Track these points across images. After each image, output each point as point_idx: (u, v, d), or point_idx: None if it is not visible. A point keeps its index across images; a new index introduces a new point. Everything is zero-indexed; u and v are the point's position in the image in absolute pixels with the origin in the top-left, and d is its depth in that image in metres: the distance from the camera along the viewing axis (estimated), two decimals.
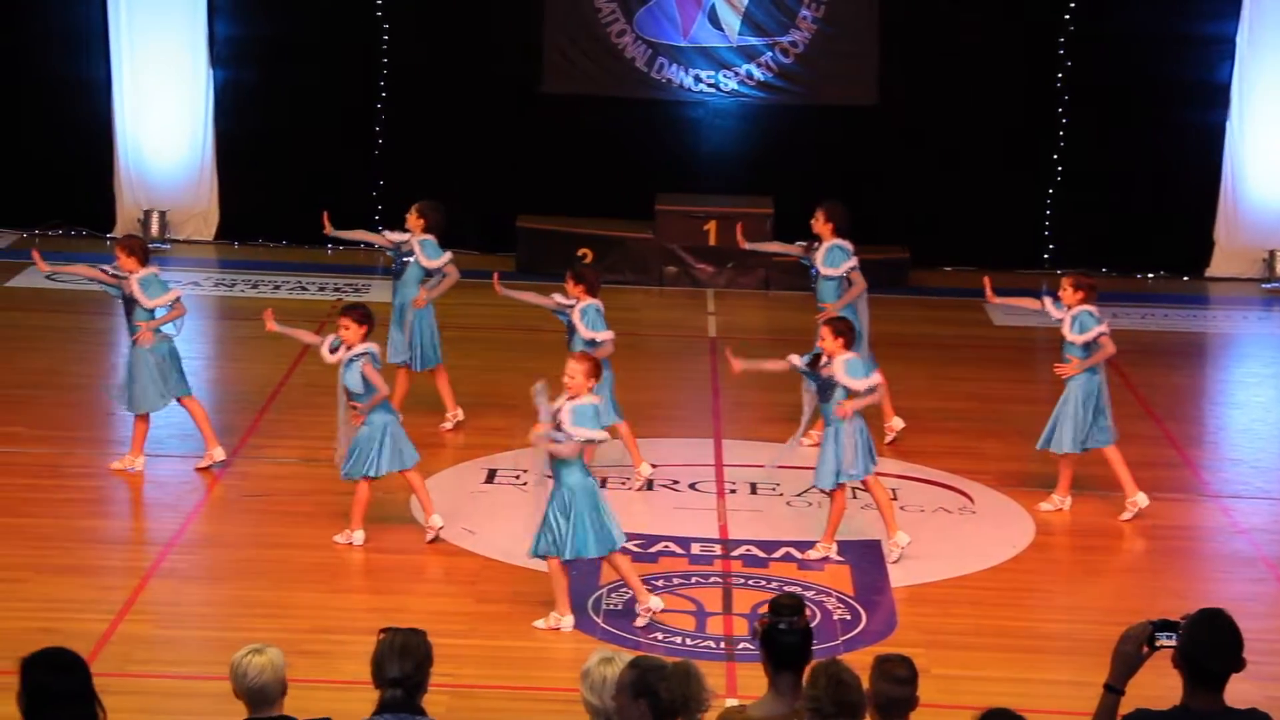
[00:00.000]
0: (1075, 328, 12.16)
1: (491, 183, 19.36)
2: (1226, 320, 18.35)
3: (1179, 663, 5.66)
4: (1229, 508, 12.53)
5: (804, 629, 6.36)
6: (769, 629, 6.36)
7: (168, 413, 13.92)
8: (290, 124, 19.39)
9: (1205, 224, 19.33)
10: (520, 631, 10.18)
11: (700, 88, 19.44)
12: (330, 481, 12.37)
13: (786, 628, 6.33)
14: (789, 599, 6.49)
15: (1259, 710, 5.79)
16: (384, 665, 6.08)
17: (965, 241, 19.40)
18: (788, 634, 6.33)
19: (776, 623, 6.34)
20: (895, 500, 12.48)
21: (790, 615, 6.35)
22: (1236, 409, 15.45)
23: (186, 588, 10.70)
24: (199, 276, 18.46)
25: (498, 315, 17.39)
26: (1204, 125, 19.22)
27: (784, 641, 6.33)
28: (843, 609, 10.60)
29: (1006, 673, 9.85)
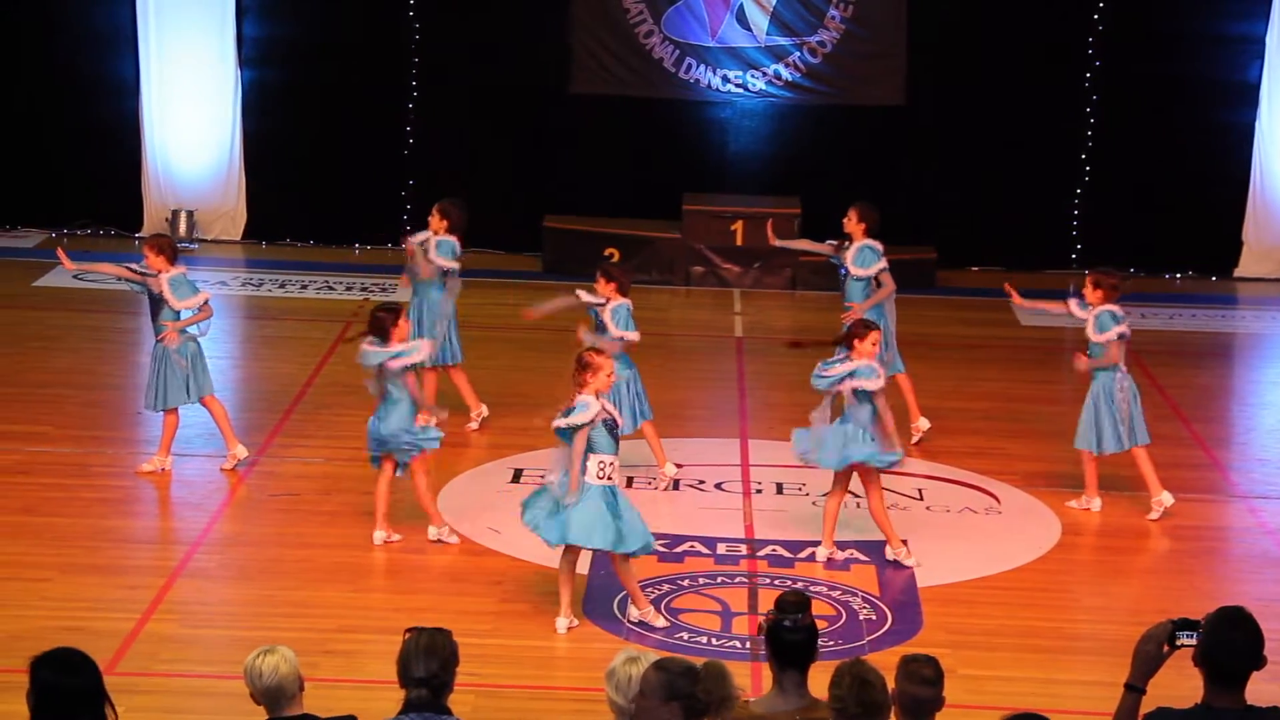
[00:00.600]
0: (1096, 328, 12.12)
1: (519, 183, 19.39)
2: (1255, 320, 18.28)
3: (1199, 661, 5.66)
4: (1257, 508, 12.49)
5: (809, 626, 6.35)
6: (774, 626, 6.36)
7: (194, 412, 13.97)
8: (318, 124, 19.44)
9: (1234, 224, 19.27)
10: (545, 631, 10.18)
11: (728, 88, 19.44)
12: (356, 481, 12.41)
13: (791, 625, 6.33)
14: (794, 596, 6.48)
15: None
16: (410, 665, 6.09)
17: (993, 242, 19.37)
18: (792, 631, 6.32)
19: (781, 619, 6.34)
20: (921, 500, 12.47)
21: (795, 613, 6.35)
22: (1265, 409, 15.40)
23: (212, 587, 10.73)
24: (226, 276, 18.51)
25: None
26: (1233, 125, 19.15)
27: (789, 639, 6.33)
28: (868, 609, 10.59)
29: (1032, 673, 9.83)
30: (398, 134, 19.46)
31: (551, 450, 10.35)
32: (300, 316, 17.09)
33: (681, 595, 10.74)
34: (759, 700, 6.51)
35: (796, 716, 6.31)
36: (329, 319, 16.89)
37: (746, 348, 16.58)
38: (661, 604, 10.59)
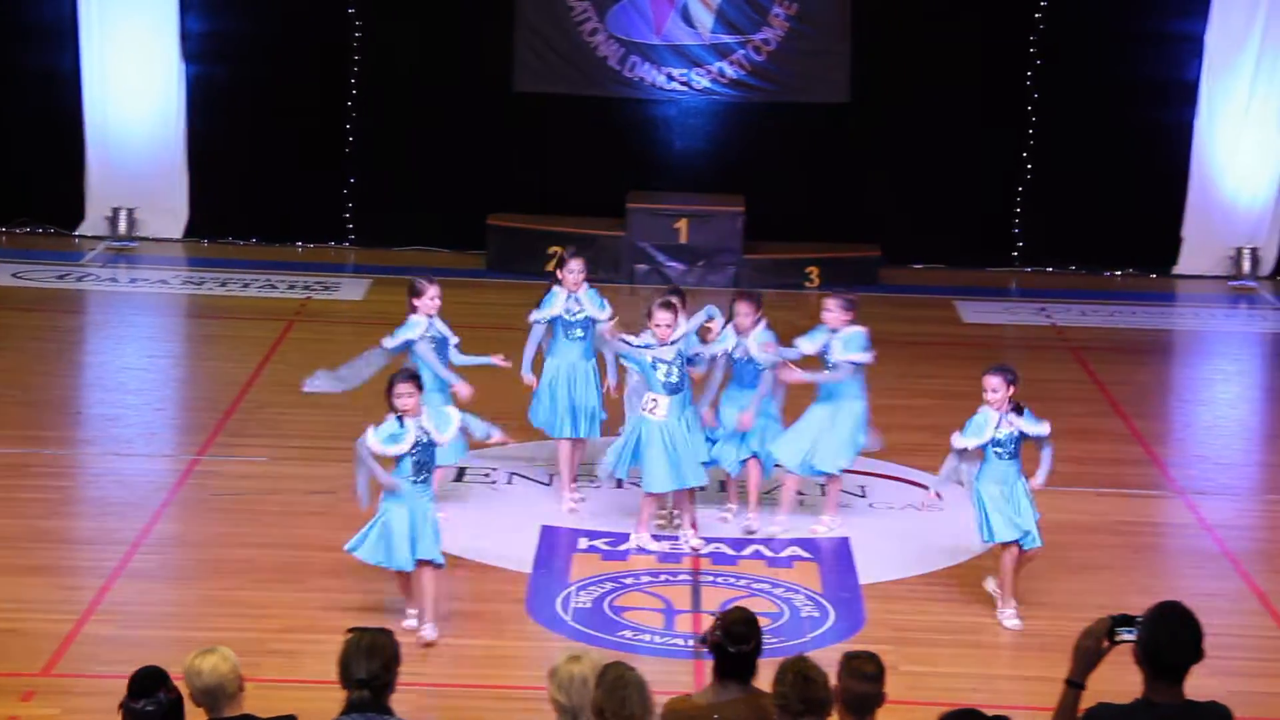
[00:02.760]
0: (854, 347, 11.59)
1: (462, 181, 19.35)
2: (1194, 318, 18.42)
3: (1139, 656, 5.70)
4: (1195, 504, 12.58)
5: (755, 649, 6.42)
6: (719, 647, 6.41)
7: (135, 413, 13.89)
8: (261, 121, 19.34)
9: (1173, 222, 19.41)
10: (488, 630, 10.17)
11: (672, 86, 19.45)
12: (298, 480, 12.36)
13: (736, 652, 6.39)
14: (742, 625, 6.49)
15: (1219, 703, 5.82)
16: (351, 665, 6.07)
17: (936, 240, 19.46)
18: (736, 655, 6.39)
19: (726, 645, 6.39)
20: (864, 497, 12.50)
21: (742, 643, 6.40)
22: (1203, 406, 15.52)
23: (153, 588, 10.65)
24: (168, 274, 18.41)
25: (467, 312, 17.37)
26: (1172, 123, 19.30)
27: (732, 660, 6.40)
28: (811, 606, 10.61)
29: (974, 669, 9.87)
30: (340, 132, 19.38)
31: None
32: (242, 315, 17.01)
33: (625, 593, 10.74)
34: (702, 692, 6.54)
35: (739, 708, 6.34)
36: (271, 318, 16.82)
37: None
38: (604, 602, 10.59)
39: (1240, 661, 9.86)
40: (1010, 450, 10.39)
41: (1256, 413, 15.74)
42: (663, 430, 11.09)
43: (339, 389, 11.52)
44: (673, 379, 11.12)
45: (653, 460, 11.08)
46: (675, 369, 11.12)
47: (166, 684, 5.89)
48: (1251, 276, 19.27)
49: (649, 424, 11.12)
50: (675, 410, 11.14)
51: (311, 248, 19.57)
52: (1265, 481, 13.62)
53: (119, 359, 15.56)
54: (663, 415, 11.11)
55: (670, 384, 11.12)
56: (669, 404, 11.11)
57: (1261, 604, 10.87)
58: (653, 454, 11.06)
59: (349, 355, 16.02)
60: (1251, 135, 19.18)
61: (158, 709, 5.83)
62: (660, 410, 11.11)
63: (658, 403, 11.13)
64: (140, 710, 5.83)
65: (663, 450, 11.07)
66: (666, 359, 11.13)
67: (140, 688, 5.88)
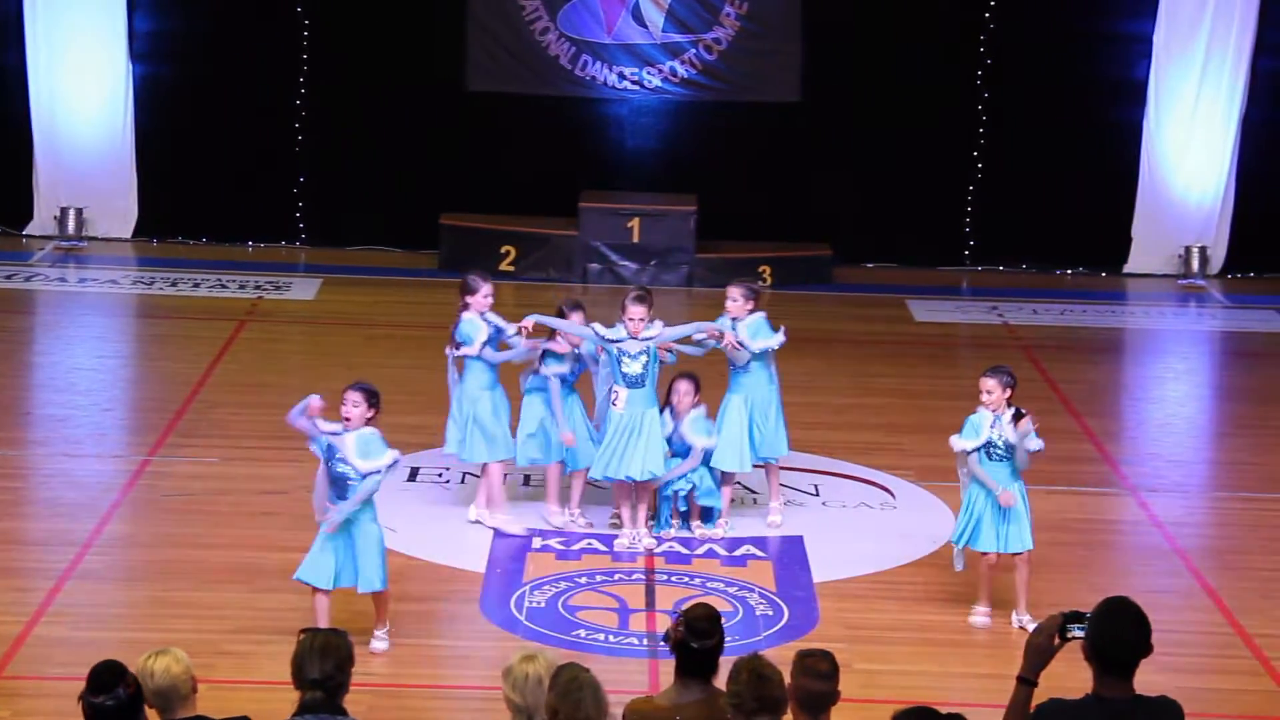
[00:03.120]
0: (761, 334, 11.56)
1: (414, 180, 19.29)
2: (1144, 316, 18.53)
3: (1089, 652, 5.73)
4: (1146, 502, 12.65)
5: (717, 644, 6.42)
6: (680, 643, 6.41)
7: (85, 414, 13.81)
8: (210, 120, 19.23)
9: (1123, 221, 19.51)
10: (441, 630, 10.15)
11: (624, 85, 19.45)
12: (249, 480, 12.31)
13: (699, 648, 6.39)
14: (705, 621, 6.50)
15: (1169, 698, 5.86)
16: (304, 666, 6.04)
17: (887, 238, 19.51)
18: (700, 652, 6.38)
19: (689, 641, 6.39)
20: (817, 496, 12.51)
21: (705, 638, 6.40)
22: (1154, 404, 15.60)
23: (104, 589, 10.59)
24: (117, 274, 18.30)
25: (419, 312, 17.35)
26: (1121, 123, 19.40)
27: (696, 657, 6.39)
28: (765, 604, 10.63)
29: (927, 667, 9.90)
30: (290, 131, 19.30)
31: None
32: (192, 315, 16.92)
33: (579, 593, 10.73)
34: (664, 693, 6.53)
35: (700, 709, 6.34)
36: (222, 317, 16.74)
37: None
38: (559, 602, 10.58)
39: (1191, 658, 9.92)
40: (1004, 453, 10.32)
41: (1206, 410, 15.84)
42: (619, 420, 11.13)
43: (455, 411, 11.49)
44: (634, 372, 11.14)
45: (603, 446, 11.19)
46: (640, 364, 11.14)
47: (125, 678, 5.87)
48: (1201, 275, 19.38)
49: (609, 414, 11.21)
50: (637, 405, 11.16)
51: (262, 247, 19.48)
52: (1215, 479, 13.70)
53: (69, 359, 15.45)
54: (621, 408, 11.14)
55: (632, 377, 11.14)
56: (628, 397, 11.14)
57: (1212, 600, 10.93)
58: (606, 440, 11.18)
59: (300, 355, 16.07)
60: (1200, 134, 19.30)
61: (116, 704, 5.81)
62: (620, 402, 11.14)
63: (618, 395, 11.17)
64: (100, 705, 5.81)
65: (612, 435, 11.14)
66: (632, 352, 11.14)
67: (99, 682, 5.87)
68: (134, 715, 5.85)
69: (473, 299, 11.46)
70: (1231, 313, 18.53)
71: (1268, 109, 19.31)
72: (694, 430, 11.38)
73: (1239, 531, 12.22)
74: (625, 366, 11.17)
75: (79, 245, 19.05)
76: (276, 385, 14.71)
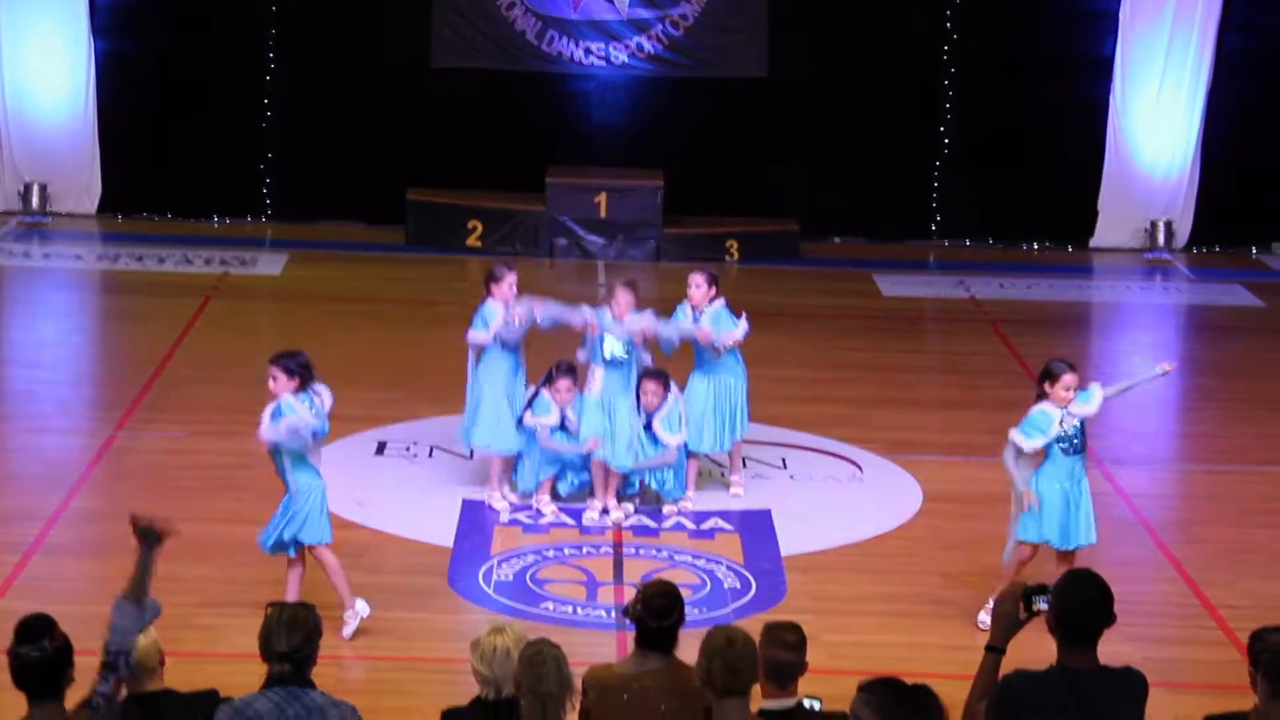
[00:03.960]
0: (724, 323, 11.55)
1: (380, 155, 19.24)
2: (1110, 290, 18.60)
3: (1052, 624, 5.76)
4: (1112, 473, 12.70)
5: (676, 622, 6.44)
6: (639, 621, 6.43)
7: (50, 388, 13.76)
8: (175, 95, 19.14)
9: (1089, 195, 19.58)
10: (409, 603, 10.14)
11: (590, 60, 19.41)
12: (215, 455, 12.28)
13: (657, 627, 6.41)
14: (662, 599, 6.51)
15: (1133, 668, 5.90)
16: (272, 639, 6.03)
17: (854, 213, 19.54)
18: (659, 631, 6.41)
19: (647, 620, 6.41)
20: (785, 469, 12.53)
21: (663, 619, 6.42)
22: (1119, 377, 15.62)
23: (70, 563, 10.55)
24: (82, 250, 18.22)
25: (386, 287, 17.32)
26: (1087, 98, 19.45)
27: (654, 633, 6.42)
28: (732, 577, 10.65)
29: (895, 638, 9.93)
30: (256, 106, 19.22)
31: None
32: (158, 290, 16.84)
33: (546, 566, 10.74)
34: (623, 661, 6.55)
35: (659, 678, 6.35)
36: (187, 293, 16.68)
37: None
38: (526, 575, 10.59)
39: (1156, 628, 9.97)
40: (1076, 445, 9.96)
41: (1172, 384, 15.86)
42: (592, 403, 11.21)
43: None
44: (616, 354, 11.23)
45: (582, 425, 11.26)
46: (622, 347, 11.24)
47: (52, 631, 5.81)
48: (1166, 249, 19.46)
49: (583, 397, 11.30)
50: (614, 388, 11.25)
51: (228, 222, 19.41)
52: (1181, 451, 13.78)
53: (33, 335, 15.39)
54: (597, 391, 11.23)
55: (615, 359, 11.24)
56: (605, 378, 11.25)
57: (1177, 572, 11.00)
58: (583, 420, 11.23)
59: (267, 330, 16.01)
60: (1166, 110, 19.36)
61: (41, 655, 5.76)
62: (596, 384, 11.25)
63: (595, 375, 11.26)
64: (25, 655, 5.77)
65: (589, 413, 11.19)
66: (617, 335, 11.23)
67: (25, 633, 5.82)
68: (61, 670, 5.78)
69: (496, 288, 11.38)
70: (1196, 286, 18.61)
71: (1233, 85, 19.38)
72: (667, 427, 11.27)
73: (1204, 503, 12.29)
74: (608, 347, 11.25)
75: (43, 221, 18.95)
76: (243, 360, 14.64)
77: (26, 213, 19.08)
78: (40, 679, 5.76)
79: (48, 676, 5.77)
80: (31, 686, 5.77)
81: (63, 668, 5.81)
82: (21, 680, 5.78)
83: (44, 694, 5.76)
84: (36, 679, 5.76)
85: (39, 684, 5.77)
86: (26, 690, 5.78)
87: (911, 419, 13.72)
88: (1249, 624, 7.14)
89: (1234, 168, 19.42)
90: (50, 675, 5.77)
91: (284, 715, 5.87)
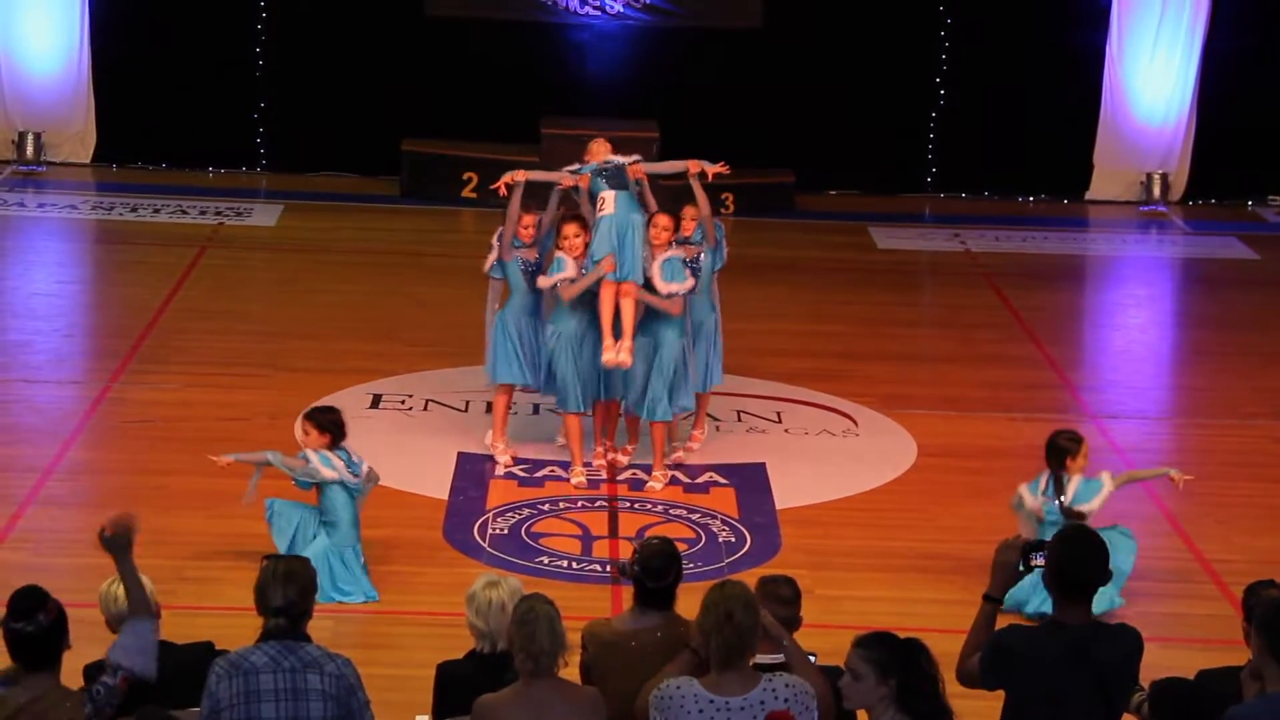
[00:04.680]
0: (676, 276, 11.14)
1: (375, 106, 19.15)
2: (1105, 243, 18.58)
3: (1048, 578, 5.78)
4: (1107, 428, 12.71)
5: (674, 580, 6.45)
6: (638, 579, 6.43)
7: (44, 339, 13.74)
8: (169, 44, 19.03)
9: (1084, 147, 19.52)
10: (405, 556, 10.16)
11: (586, 10, 19.32)
12: (211, 407, 12.28)
13: (654, 587, 6.41)
14: (659, 559, 6.51)
15: (1127, 625, 5.92)
16: (267, 593, 6.04)
17: (850, 165, 19.48)
18: (657, 591, 6.41)
19: (645, 581, 6.41)
20: (780, 423, 12.54)
21: (659, 579, 6.42)
22: (1115, 331, 15.67)
23: (65, 515, 10.55)
24: (76, 200, 18.16)
25: (381, 239, 17.29)
26: (1083, 49, 19.38)
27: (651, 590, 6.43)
28: (727, 531, 10.66)
29: (889, 592, 9.96)
30: (250, 55, 19.13)
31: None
32: (153, 241, 16.80)
33: (541, 520, 10.75)
34: (621, 616, 6.56)
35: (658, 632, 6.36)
36: (182, 243, 16.64)
37: None
38: (521, 529, 10.60)
39: (1150, 583, 10.00)
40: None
41: (1167, 337, 15.92)
42: (606, 221, 11.10)
43: None
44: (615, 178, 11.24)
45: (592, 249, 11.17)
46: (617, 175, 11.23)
47: (47, 605, 5.78)
48: (1162, 201, 19.42)
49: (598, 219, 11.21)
50: (624, 207, 11.18)
51: (223, 173, 19.35)
52: (1176, 405, 13.79)
53: (28, 285, 15.35)
54: (610, 208, 11.13)
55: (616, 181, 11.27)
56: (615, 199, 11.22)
57: (1171, 526, 11.02)
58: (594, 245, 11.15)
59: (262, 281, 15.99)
60: (1162, 60, 19.29)
61: (36, 629, 5.74)
62: (608, 204, 11.15)
63: (605, 199, 11.21)
64: (19, 631, 5.75)
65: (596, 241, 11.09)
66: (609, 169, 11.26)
67: (17, 608, 5.78)
68: (56, 642, 5.77)
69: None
70: (1192, 239, 18.59)
71: (1230, 36, 19.31)
72: (666, 275, 10.95)
73: (1198, 457, 12.29)
74: (606, 179, 11.19)
75: (37, 170, 18.88)
76: (238, 312, 14.66)
77: (21, 162, 19.00)
78: (33, 653, 5.76)
79: (41, 650, 5.76)
80: (25, 660, 5.76)
81: (57, 640, 5.80)
82: (16, 654, 5.78)
83: (38, 666, 5.76)
84: (30, 653, 5.76)
85: (32, 658, 5.76)
86: (20, 663, 5.78)
87: (906, 372, 13.71)
88: (1243, 579, 7.18)
89: (1230, 120, 19.36)
90: (44, 648, 5.76)
91: (280, 668, 5.89)
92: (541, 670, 5.91)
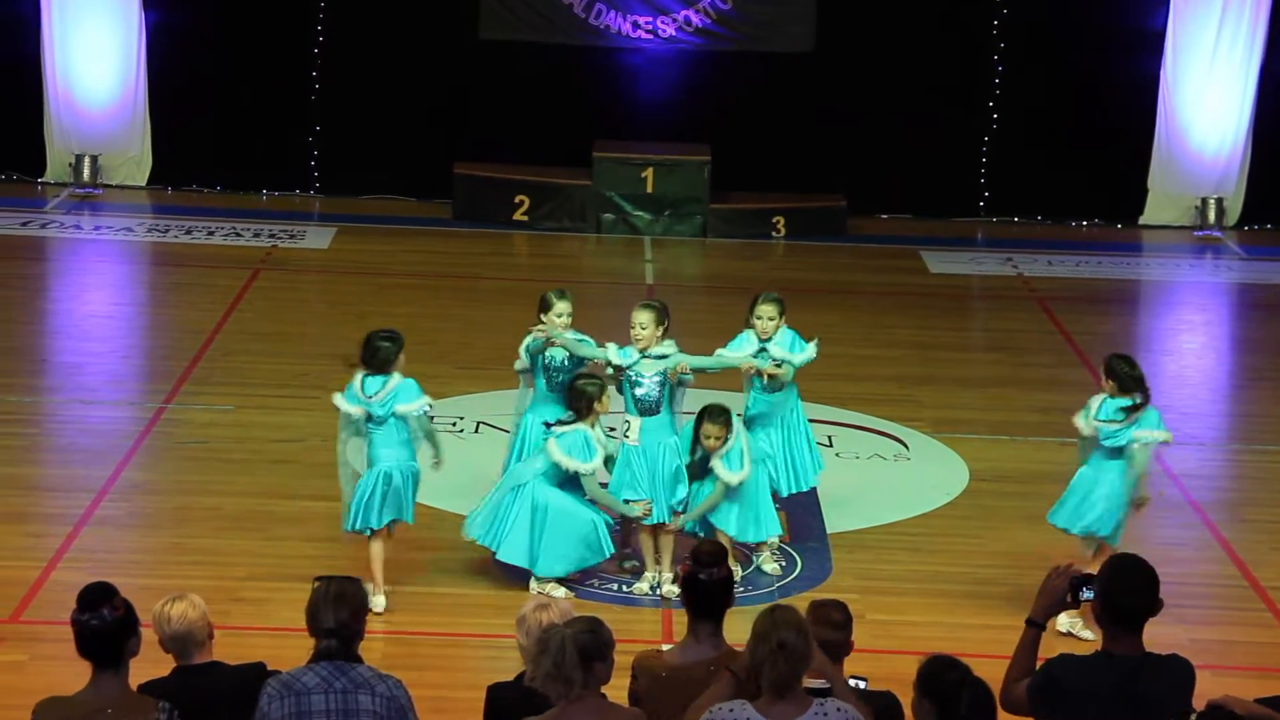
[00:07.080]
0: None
1: (427, 129, 19.26)
2: (1159, 268, 18.48)
3: (1098, 609, 5.73)
4: (1159, 453, 12.61)
5: (725, 578, 6.39)
6: (689, 576, 6.39)
7: (100, 360, 13.85)
8: (224, 68, 19.20)
9: (1139, 172, 19.44)
10: (454, 579, 10.17)
11: (638, 34, 19.37)
12: (264, 429, 12.34)
13: (707, 578, 6.36)
14: (710, 548, 6.50)
15: (1180, 655, 5.86)
16: (319, 614, 6.05)
17: (902, 189, 19.45)
18: (707, 583, 6.35)
19: (696, 572, 6.37)
20: (830, 446, 12.51)
21: (710, 567, 6.38)
22: (1168, 356, 15.57)
23: (119, 535, 10.63)
24: (132, 222, 18.30)
25: (433, 261, 17.35)
26: (1138, 73, 19.31)
27: (703, 589, 6.35)
28: (778, 555, 10.62)
29: (940, 618, 9.91)
30: (305, 79, 19.26)
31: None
32: (207, 263, 16.92)
33: None
34: (672, 650, 6.52)
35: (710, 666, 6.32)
36: (236, 266, 16.75)
37: (657, 295, 16.54)
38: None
39: (1204, 610, 9.93)
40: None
41: (1222, 363, 15.82)
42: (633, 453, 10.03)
43: None
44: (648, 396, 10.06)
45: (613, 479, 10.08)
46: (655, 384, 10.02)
47: (114, 600, 5.94)
48: (1217, 227, 19.32)
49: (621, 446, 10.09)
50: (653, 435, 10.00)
51: (276, 195, 19.46)
52: (1230, 431, 13.69)
53: (84, 306, 15.48)
54: (635, 439, 10.03)
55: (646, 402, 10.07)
56: (642, 426, 10.01)
57: (1226, 552, 10.94)
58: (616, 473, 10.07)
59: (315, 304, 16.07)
60: (1218, 85, 19.20)
61: (101, 624, 5.89)
62: (633, 433, 10.04)
63: (630, 424, 10.07)
64: (85, 623, 5.91)
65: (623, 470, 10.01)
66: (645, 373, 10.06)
67: (85, 601, 5.96)
68: (122, 639, 5.90)
69: (545, 316, 10.59)
70: (1248, 265, 18.48)
71: None
72: (727, 464, 9.90)
73: (1253, 484, 12.22)
74: (637, 390, 10.02)
75: (93, 193, 19.04)
76: (291, 334, 14.74)
77: (78, 184, 19.18)
78: (100, 647, 5.88)
79: (107, 645, 5.88)
80: (92, 654, 5.89)
81: (124, 637, 5.92)
82: (83, 647, 5.92)
83: (104, 662, 5.89)
84: (96, 647, 5.88)
85: (99, 652, 5.89)
86: (89, 657, 5.90)
87: (958, 397, 13.67)
88: None
89: None
90: (110, 643, 5.89)
91: (331, 689, 5.90)
92: (574, 692, 5.81)
